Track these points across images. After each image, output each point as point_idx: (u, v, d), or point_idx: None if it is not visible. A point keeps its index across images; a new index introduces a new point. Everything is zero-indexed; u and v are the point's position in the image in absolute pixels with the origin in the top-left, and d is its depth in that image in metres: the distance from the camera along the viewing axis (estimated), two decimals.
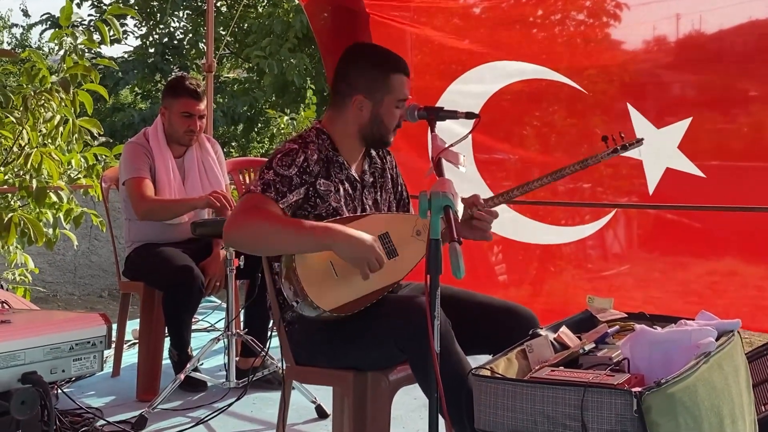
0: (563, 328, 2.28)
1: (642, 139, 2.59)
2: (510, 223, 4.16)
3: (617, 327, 2.36)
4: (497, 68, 4.21)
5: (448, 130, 2.59)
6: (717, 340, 2.08)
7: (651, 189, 3.77)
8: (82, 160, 4.70)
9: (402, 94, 2.57)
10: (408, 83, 2.59)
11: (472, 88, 4.25)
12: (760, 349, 2.87)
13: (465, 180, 3.19)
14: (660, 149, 3.71)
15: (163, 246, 3.82)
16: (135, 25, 13.67)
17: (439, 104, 3.49)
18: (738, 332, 2.22)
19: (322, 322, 2.44)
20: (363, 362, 2.47)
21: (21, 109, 4.27)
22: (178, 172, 3.93)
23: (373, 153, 2.73)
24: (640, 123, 3.69)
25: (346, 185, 2.59)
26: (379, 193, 2.69)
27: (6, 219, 4.20)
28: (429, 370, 1.95)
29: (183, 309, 3.70)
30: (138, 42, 13.33)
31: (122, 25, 12.45)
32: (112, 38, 5.63)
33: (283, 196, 2.45)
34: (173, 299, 3.66)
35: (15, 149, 4.36)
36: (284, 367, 2.64)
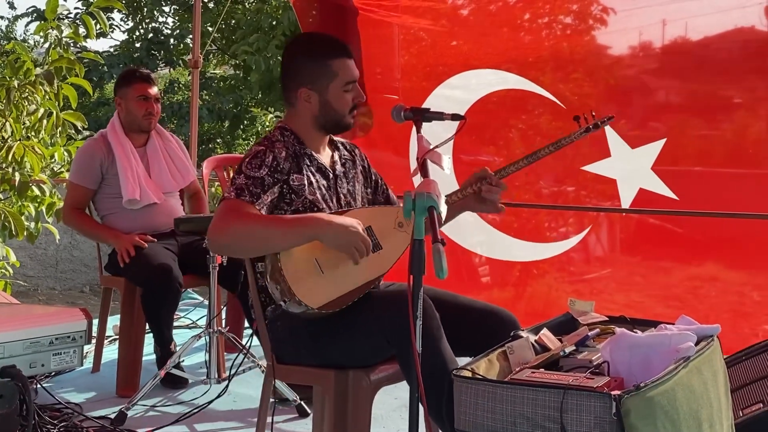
0: (544, 331, 2.29)
1: (612, 116, 2.63)
2: (492, 244, 4.17)
3: (598, 330, 2.36)
4: (481, 75, 4.22)
5: (430, 132, 2.59)
6: (697, 344, 2.09)
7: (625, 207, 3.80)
8: (65, 153, 4.68)
9: (347, 77, 2.57)
10: (352, 64, 2.59)
11: (457, 94, 4.25)
12: (738, 355, 2.90)
13: (443, 182, 3.19)
14: (634, 169, 3.73)
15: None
16: (121, 19, 13.61)
17: (424, 106, 3.48)
18: (717, 337, 2.24)
19: (308, 318, 2.44)
20: (350, 357, 2.46)
21: (4, 101, 4.25)
22: (141, 161, 3.95)
23: (340, 145, 2.74)
24: (615, 142, 3.71)
25: (318, 176, 2.59)
26: (351, 184, 2.70)
27: None
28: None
29: (160, 305, 3.69)
30: (124, 36, 13.29)
31: (108, 18, 12.38)
32: (98, 32, 5.59)
33: (258, 197, 2.44)
34: (151, 296, 3.67)
35: None
36: (265, 365, 2.64)
